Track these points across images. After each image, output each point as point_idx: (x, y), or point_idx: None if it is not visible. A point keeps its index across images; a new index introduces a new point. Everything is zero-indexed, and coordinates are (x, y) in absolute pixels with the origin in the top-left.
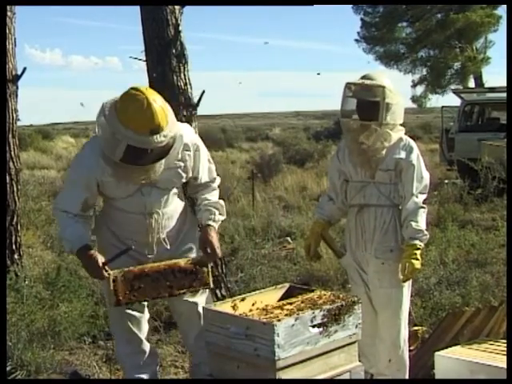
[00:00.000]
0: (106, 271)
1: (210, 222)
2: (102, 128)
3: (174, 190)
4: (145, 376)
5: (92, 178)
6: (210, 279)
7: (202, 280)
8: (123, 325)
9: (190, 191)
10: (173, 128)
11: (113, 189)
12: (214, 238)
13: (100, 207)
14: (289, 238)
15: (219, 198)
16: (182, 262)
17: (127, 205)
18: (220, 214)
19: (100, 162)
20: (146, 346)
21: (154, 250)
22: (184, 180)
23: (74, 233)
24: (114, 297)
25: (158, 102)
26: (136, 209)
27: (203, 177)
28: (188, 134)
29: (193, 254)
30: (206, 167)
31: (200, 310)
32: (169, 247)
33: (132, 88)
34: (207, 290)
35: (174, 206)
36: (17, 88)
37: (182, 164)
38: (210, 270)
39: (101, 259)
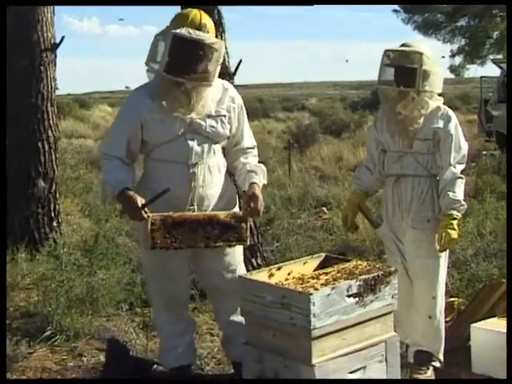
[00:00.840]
0: (146, 213)
1: (256, 181)
2: (154, 47)
3: (218, 146)
4: (182, 344)
5: (137, 119)
6: (248, 236)
7: (239, 235)
8: (161, 293)
9: (230, 159)
10: (220, 43)
11: (157, 130)
12: (260, 194)
13: (138, 178)
14: (324, 208)
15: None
16: (221, 214)
17: (169, 152)
18: (263, 177)
19: (146, 102)
20: (185, 315)
21: (194, 204)
22: (228, 134)
23: (116, 177)
24: (150, 240)
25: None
26: (178, 157)
27: (246, 141)
28: (234, 89)
29: None
30: (248, 132)
31: (232, 285)
32: (210, 205)
33: None
34: (240, 267)
35: (217, 162)
36: (55, 57)
37: (227, 114)
38: (248, 226)
39: (140, 201)
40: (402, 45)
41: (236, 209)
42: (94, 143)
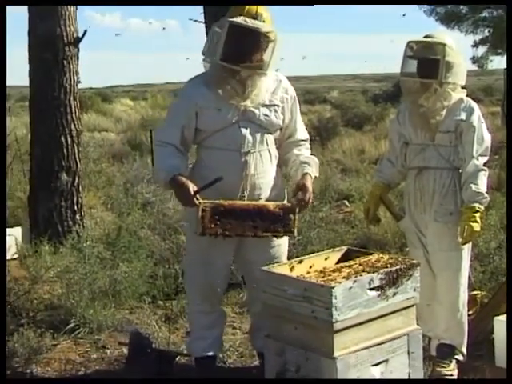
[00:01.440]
0: (197, 200)
1: (309, 171)
2: (210, 38)
3: (270, 137)
4: (211, 335)
5: (192, 107)
6: (295, 227)
7: (287, 226)
8: (200, 283)
9: (283, 151)
10: (276, 33)
11: (212, 118)
12: (310, 186)
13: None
14: (346, 202)
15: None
16: (271, 205)
17: (223, 139)
18: (316, 169)
19: (202, 90)
20: (217, 307)
21: (245, 193)
22: (281, 123)
23: (170, 163)
24: (200, 226)
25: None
26: (231, 144)
27: (299, 133)
28: (287, 81)
29: None
30: (301, 124)
31: None
32: (261, 195)
33: None
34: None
35: (269, 152)
36: (78, 50)
37: (280, 104)
38: (296, 218)
39: (192, 187)
40: (426, 36)
41: (285, 201)
42: (116, 137)
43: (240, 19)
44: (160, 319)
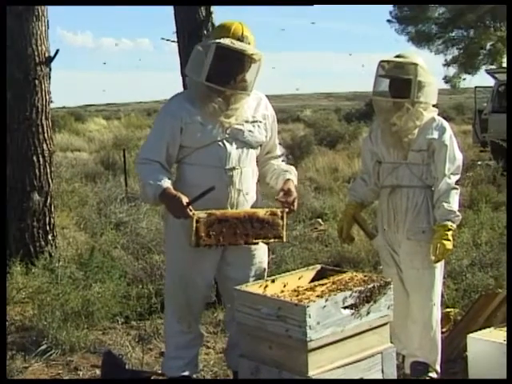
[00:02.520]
0: (191, 211)
1: (291, 177)
2: (194, 56)
3: (253, 153)
4: (187, 355)
5: (177, 122)
6: (284, 232)
7: (276, 231)
8: (178, 303)
9: (261, 165)
10: (260, 54)
11: (196, 134)
12: (294, 189)
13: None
14: (320, 220)
15: None
16: (260, 211)
17: (207, 156)
18: (295, 178)
19: (186, 106)
20: (196, 327)
21: (231, 209)
22: (264, 139)
23: (157, 178)
24: (194, 237)
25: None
26: (216, 161)
27: (278, 149)
28: (266, 99)
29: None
30: (277, 141)
31: None
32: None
33: None
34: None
35: (252, 169)
36: (50, 70)
37: (263, 120)
38: (285, 223)
39: (185, 199)
40: (397, 56)
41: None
42: (89, 156)
43: (227, 41)
44: (133, 339)
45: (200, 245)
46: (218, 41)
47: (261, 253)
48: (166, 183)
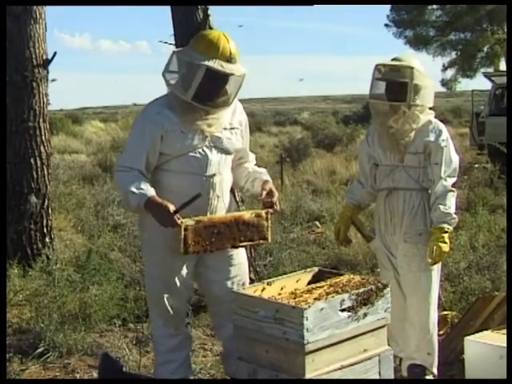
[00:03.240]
0: (178, 219)
1: (268, 179)
2: (176, 66)
3: (229, 159)
4: (178, 358)
5: (158, 130)
6: (269, 234)
7: (261, 234)
8: (162, 306)
9: (234, 170)
10: (245, 72)
11: (176, 141)
12: (274, 189)
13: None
14: (317, 222)
15: None
16: (246, 214)
17: (186, 163)
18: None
19: (166, 112)
20: (182, 329)
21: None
22: (240, 146)
23: (140, 186)
24: (183, 245)
25: (230, 38)
26: (196, 168)
27: (249, 155)
28: (240, 105)
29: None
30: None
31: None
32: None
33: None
34: (246, 280)
35: (229, 175)
36: (47, 72)
37: (239, 127)
38: (269, 224)
39: (172, 207)
40: (393, 59)
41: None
42: (86, 158)
43: (216, 65)
44: (130, 342)
45: (189, 252)
46: (207, 64)
47: (240, 255)
48: (151, 191)
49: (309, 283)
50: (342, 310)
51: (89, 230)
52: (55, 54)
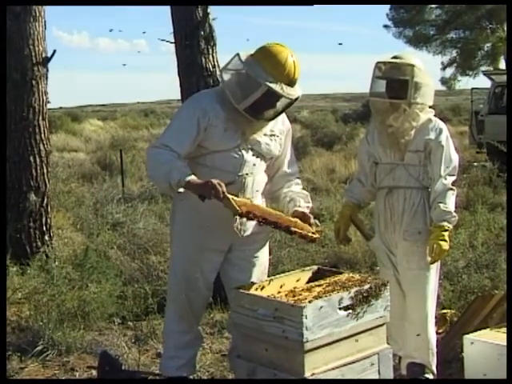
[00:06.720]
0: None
1: (301, 204)
2: (236, 73)
3: (264, 165)
4: (185, 355)
5: (205, 120)
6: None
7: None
8: (180, 302)
9: (274, 187)
10: (300, 91)
11: (217, 137)
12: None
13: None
14: (317, 221)
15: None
16: (293, 228)
17: (222, 160)
18: (307, 200)
19: (216, 106)
20: (195, 329)
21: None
22: (277, 153)
23: (181, 165)
24: (236, 207)
25: (297, 59)
26: (230, 167)
27: (289, 166)
28: (284, 113)
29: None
30: (291, 156)
31: None
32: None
33: (269, 43)
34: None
35: (262, 179)
36: (47, 70)
37: (279, 135)
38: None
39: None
40: (394, 57)
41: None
42: (85, 156)
43: (277, 87)
44: (130, 340)
45: (242, 215)
46: (270, 86)
47: (264, 256)
48: (190, 171)
49: (308, 281)
50: (342, 309)
51: (88, 228)
52: (54, 51)
